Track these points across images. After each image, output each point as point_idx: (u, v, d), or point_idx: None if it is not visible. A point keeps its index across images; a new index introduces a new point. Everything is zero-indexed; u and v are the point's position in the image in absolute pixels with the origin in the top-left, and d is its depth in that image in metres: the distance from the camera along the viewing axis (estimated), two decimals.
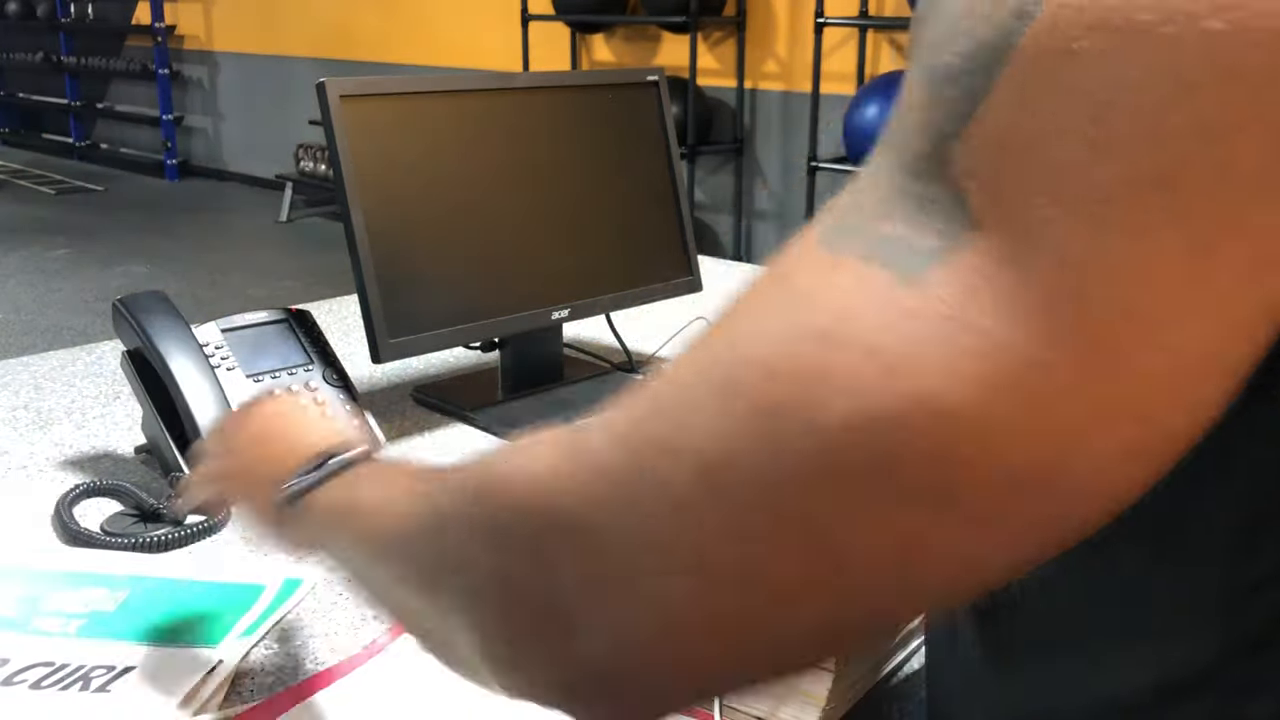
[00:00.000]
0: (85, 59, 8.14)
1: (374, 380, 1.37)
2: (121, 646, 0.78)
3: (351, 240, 1.12)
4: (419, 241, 1.18)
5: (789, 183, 4.73)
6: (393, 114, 1.16)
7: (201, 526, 0.95)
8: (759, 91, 4.77)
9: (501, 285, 1.24)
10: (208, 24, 7.62)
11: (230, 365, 1.08)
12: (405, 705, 0.73)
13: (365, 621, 0.82)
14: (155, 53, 7.60)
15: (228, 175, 7.75)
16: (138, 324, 1.04)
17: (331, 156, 1.12)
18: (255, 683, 0.75)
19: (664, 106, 1.40)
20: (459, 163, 1.21)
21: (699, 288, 1.43)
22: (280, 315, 1.15)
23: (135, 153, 8.18)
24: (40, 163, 8.37)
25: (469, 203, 1.22)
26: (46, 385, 1.34)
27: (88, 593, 0.85)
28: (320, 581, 0.88)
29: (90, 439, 1.18)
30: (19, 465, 1.10)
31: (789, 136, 4.69)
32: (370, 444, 0.60)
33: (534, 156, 1.28)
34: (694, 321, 1.59)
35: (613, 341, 1.43)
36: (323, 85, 1.11)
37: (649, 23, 4.85)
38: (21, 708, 0.71)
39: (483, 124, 1.24)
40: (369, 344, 1.13)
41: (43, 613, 0.82)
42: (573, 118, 1.33)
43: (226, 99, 7.67)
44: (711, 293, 1.77)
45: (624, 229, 1.37)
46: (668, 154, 1.40)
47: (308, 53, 6.75)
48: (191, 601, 0.84)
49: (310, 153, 6.31)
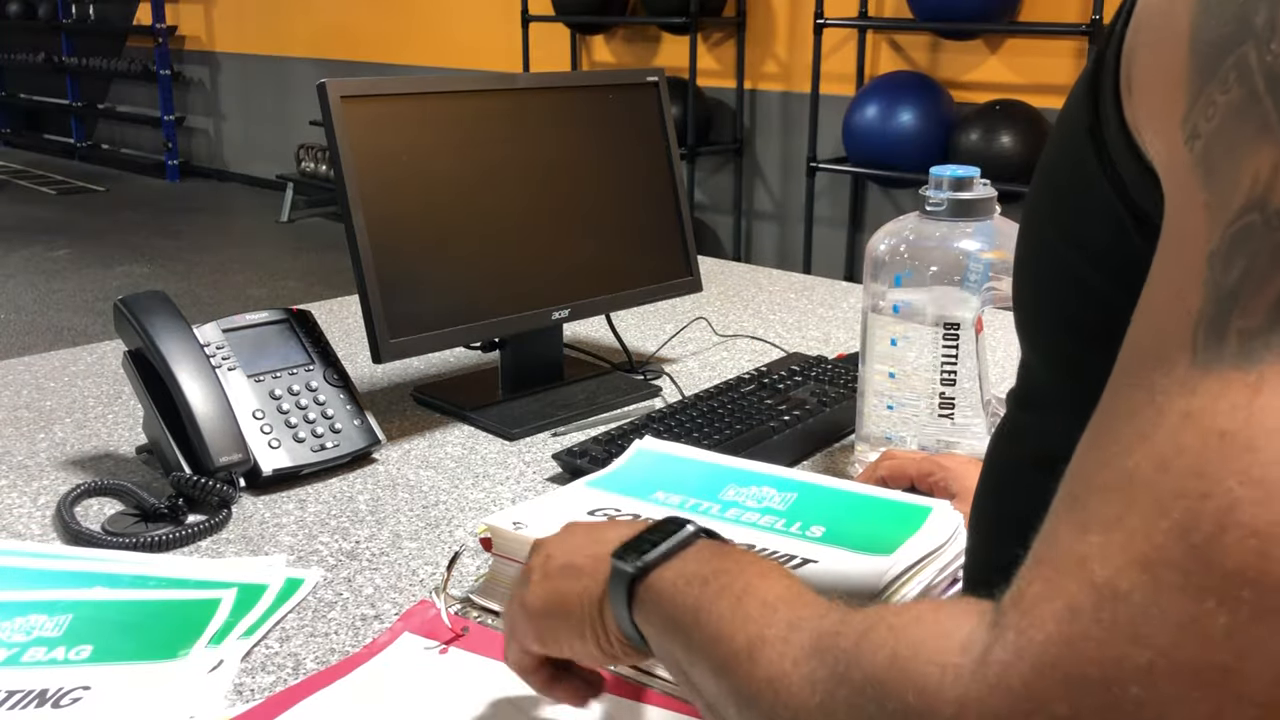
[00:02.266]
0: (86, 60, 8.14)
1: (374, 380, 1.37)
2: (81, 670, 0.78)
3: (352, 240, 1.12)
4: (419, 241, 1.18)
5: (789, 183, 4.73)
6: (393, 114, 1.17)
7: (202, 526, 0.95)
8: (759, 92, 4.77)
9: (501, 285, 1.24)
10: (209, 25, 7.62)
11: (231, 365, 1.08)
12: (405, 705, 0.73)
13: (365, 621, 0.83)
14: (156, 53, 7.60)
15: (229, 176, 7.75)
16: (139, 324, 1.04)
17: (332, 157, 1.12)
18: (255, 682, 0.75)
19: (664, 107, 1.40)
20: (459, 163, 1.21)
21: (699, 288, 1.44)
22: (281, 315, 1.16)
23: (136, 153, 8.18)
24: (41, 163, 8.37)
25: (469, 203, 1.22)
26: (48, 385, 1.34)
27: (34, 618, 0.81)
28: (320, 581, 0.88)
29: (91, 439, 1.18)
30: (20, 465, 1.11)
31: (789, 137, 4.69)
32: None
33: (534, 157, 1.28)
34: (694, 321, 1.60)
35: (613, 341, 1.43)
36: (323, 86, 1.11)
37: (649, 23, 4.85)
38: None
39: (483, 124, 1.24)
40: (369, 344, 1.13)
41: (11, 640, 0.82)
42: (573, 118, 1.33)
43: (227, 99, 7.67)
44: (711, 293, 1.77)
45: (624, 229, 1.37)
46: (668, 154, 1.40)
47: (308, 53, 6.75)
48: (155, 614, 0.84)
49: (311, 153, 6.31)
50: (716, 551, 0.54)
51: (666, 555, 0.54)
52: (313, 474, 1.08)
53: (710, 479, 0.92)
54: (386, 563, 0.92)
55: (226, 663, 0.76)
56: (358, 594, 0.87)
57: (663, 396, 1.32)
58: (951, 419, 1.02)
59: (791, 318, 1.68)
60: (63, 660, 0.76)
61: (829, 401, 1.22)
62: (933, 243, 1.01)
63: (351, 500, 1.04)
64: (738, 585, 0.49)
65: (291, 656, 0.78)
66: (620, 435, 1.11)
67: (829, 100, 4.22)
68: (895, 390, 1.03)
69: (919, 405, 1.02)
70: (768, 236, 4.89)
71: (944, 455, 0.96)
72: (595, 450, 1.08)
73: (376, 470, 1.11)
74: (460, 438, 1.19)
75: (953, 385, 1.01)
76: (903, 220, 1.04)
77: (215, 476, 0.99)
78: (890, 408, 1.04)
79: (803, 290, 1.85)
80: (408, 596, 0.86)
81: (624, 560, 0.55)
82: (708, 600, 0.50)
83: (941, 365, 1.01)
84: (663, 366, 1.42)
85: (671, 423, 1.14)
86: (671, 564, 0.54)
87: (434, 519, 1.00)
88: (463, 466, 1.12)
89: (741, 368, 1.40)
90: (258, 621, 0.82)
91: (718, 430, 1.12)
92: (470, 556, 0.92)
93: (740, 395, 1.22)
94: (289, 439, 1.06)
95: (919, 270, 1.01)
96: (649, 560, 0.54)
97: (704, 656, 0.49)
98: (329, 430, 1.09)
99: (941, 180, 1.01)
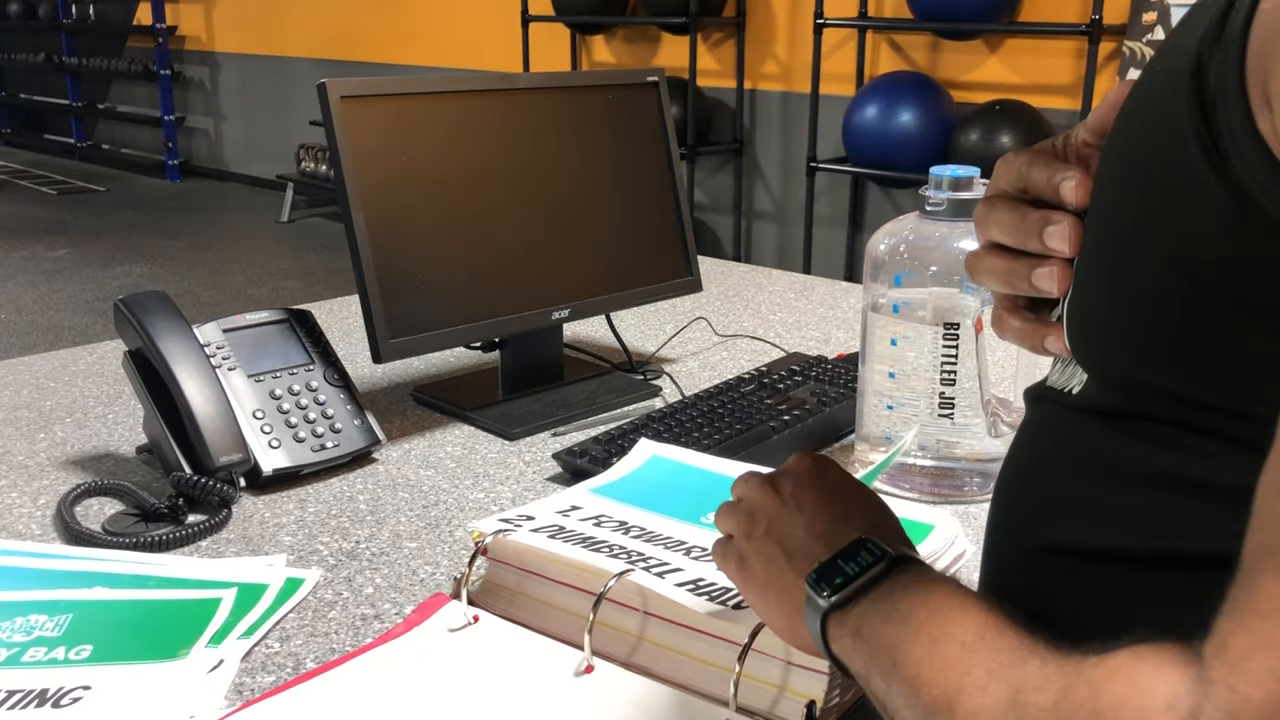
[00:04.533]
0: (87, 60, 8.14)
1: (374, 380, 1.37)
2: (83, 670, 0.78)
3: (352, 240, 1.12)
4: (419, 242, 1.18)
5: (789, 183, 4.73)
6: (393, 114, 1.17)
7: (202, 526, 0.95)
8: (759, 92, 4.77)
9: (501, 285, 1.24)
10: (209, 25, 7.62)
11: (231, 365, 1.08)
12: (405, 704, 0.73)
13: (365, 621, 0.83)
14: (156, 53, 7.60)
15: (229, 176, 7.75)
16: (139, 324, 1.04)
17: (332, 157, 1.12)
18: (255, 682, 0.75)
19: (664, 107, 1.40)
20: (459, 163, 1.21)
21: (699, 288, 1.44)
22: (281, 315, 1.16)
23: (136, 153, 8.18)
24: (42, 163, 8.37)
25: (469, 203, 1.22)
26: (48, 385, 1.34)
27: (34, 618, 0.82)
28: (320, 581, 0.88)
29: (91, 439, 1.18)
30: (20, 465, 1.11)
31: (789, 137, 4.69)
32: (899, 540, 0.58)
33: (534, 157, 1.28)
34: (694, 321, 1.60)
35: (613, 341, 1.44)
36: (324, 86, 1.11)
37: (649, 23, 4.85)
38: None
39: (483, 124, 1.24)
40: (369, 344, 1.13)
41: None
42: (573, 118, 1.33)
43: (227, 100, 7.67)
44: (711, 293, 1.77)
45: (624, 229, 1.37)
46: (668, 154, 1.40)
47: (308, 53, 6.75)
48: (151, 614, 0.84)
49: (311, 153, 6.31)
50: (911, 583, 0.53)
51: (862, 590, 0.54)
52: (313, 474, 1.08)
53: (713, 489, 0.92)
54: (386, 563, 0.92)
55: (226, 663, 0.76)
56: (358, 594, 0.87)
57: (663, 396, 1.32)
58: (951, 419, 1.02)
59: (791, 318, 1.68)
60: (63, 660, 0.76)
61: (829, 401, 1.22)
62: (933, 243, 1.01)
63: (351, 500, 1.04)
64: (935, 624, 0.49)
65: (291, 656, 0.78)
66: (620, 435, 1.11)
67: (829, 100, 4.22)
68: (895, 390, 1.03)
69: (919, 405, 1.02)
70: (768, 236, 4.89)
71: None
72: (595, 450, 1.08)
73: (376, 470, 1.11)
74: (460, 438, 1.19)
75: (953, 385, 1.01)
76: (903, 220, 1.04)
77: (215, 476, 0.99)
78: (890, 408, 1.04)
79: (803, 290, 1.85)
80: (408, 596, 0.86)
81: (818, 591, 0.55)
82: (905, 640, 0.49)
83: (941, 365, 1.01)
84: (663, 366, 1.42)
85: (671, 423, 1.14)
86: (869, 597, 0.54)
87: (434, 519, 1.00)
88: (463, 466, 1.12)
89: (741, 368, 1.40)
90: (258, 621, 0.82)
91: (718, 430, 1.12)
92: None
93: (740, 395, 1.22)
94: (289, 439, 1.06)
95: (919, 270, 1.02)
96: (843, 597, 0.54)
97: (904, 701, 0.49)
98: (329, 430, 1.09)
99: (941, 180, 1.01)
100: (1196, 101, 0.44)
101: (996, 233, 0.58)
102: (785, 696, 0.69)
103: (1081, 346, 0.55)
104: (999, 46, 4.01)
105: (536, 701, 0.72)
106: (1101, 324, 0.53)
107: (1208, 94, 0.43)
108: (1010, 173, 0.58)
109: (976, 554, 0.93)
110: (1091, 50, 3.54)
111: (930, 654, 0.48)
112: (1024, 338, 0.60)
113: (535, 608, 0.81)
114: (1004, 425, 1.03)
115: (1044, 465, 0.58)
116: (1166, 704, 0.36)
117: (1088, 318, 0.54)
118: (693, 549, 0.82)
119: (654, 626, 0.75)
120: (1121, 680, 0.38)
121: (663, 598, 0.73)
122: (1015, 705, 0.42)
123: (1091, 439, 0.53)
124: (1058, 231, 0.54)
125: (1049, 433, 0.58)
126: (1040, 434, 0.59)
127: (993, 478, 1.05)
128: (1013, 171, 0.58)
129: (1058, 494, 0.55)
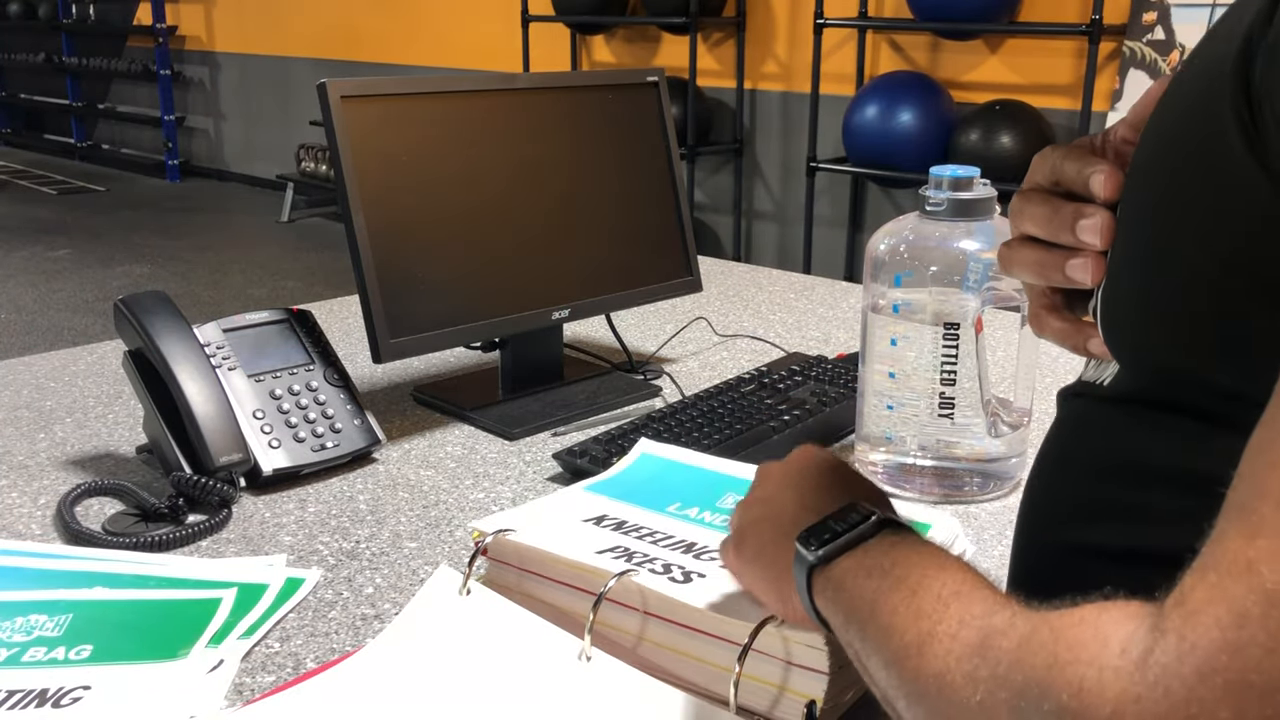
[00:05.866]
0: (87, 60, 8.15)
1: (374, 380, 1.37)
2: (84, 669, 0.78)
3: (352, 240, 1.12)
4: (419, 242, 1.18)
5: (789, 183, 4.73)
6: (393, 114, 1.17)
7: (202, 526, 0.95)
8: (759, 92, 4.77)
9: (501, 285, 1.24)
10: (209, 25, 7.62)
11: (231, 365, 1.08)
12: (405, 704, 0.73)
13: (365, 621, 0.83)
14: (156, 53, 7.61)
15: (229, 176, 7.75)
16: (139, 324, 1.04)
17: (332, 157, 1.12)
18: (255, 682, 0.75)
19: (664, 107, 1.40)
20: (459, 163, 1.21)
21: (699, 288, 1.44)
22: (281, 315, 1.16)
23: (136, 153, 8.19)
24: (42, 163, 8.37)
25: (469, 203, 1.22)
26: (48, 385, 1.34)
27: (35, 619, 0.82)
28: (320, 581, 0.88)
29: (91, 439, 1.18)
30: (20, 465, 1.11)
31: (789, 137, 4.69)
32: (886, 506, 0.59)
33: (534, 157, 1.28)
34: (694, 321, 1.60)
35: (613, 341, 1.44)
36: (324, 86, 1.11)
37: (649, 23, 4.85)
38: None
39: (483, 124, 1.24)
40: (369, 344, 1.13)
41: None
42: (573, 118, 1.33)
43: (228, 99, 7.67)
44: (711, 293, 1.77)
45: (624, 229, 1.37)
46: (668, 154, 1.40)
47: (309, 53, 6.75)
48: (151, 614, 0.84)
49: (311, 153, 6.31)
50: (897, 542, 0.55)
51: (848, 545, 0.55)
52: (313, 474, 1.08)
53: (710, 486, 0.92)
54: (386, 563, 0.92)
55: (226, 663, 0.76)
56: (358, 594, 0.87)
57: (663, 396, 1.32)
58: (951, 419, 1.02)
59: (791, 318, 1.68)
60: (63, 660, 0.76)
61: (829, 401, 1.22)
62: (933, 243, 1.01)
63: (351, 500, 1.04)
64: (914, 577, 0.50)
65: (291, 656, 0.78)
66: (620, 435, 1.11)
67: (829, 100, 4.23)
68: (895, 390, 1.03)
69: (919, 405, 1.02)
70: (768, 236, 4.89)
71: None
72: (595, 450, 1.08)
73: (376, 470, 1.11)
74: (460, 438, 1.19)
75: (953, 385, 1.01)
76: (903, 220, 1.04)
77: (215, 476, 0.99)
78: (890, 408, 1.04)
79: (803, 290, 1.85)
80: (408, 596, 0.86)
81: (807, 547, 0.56)
82: (884, 592, 0.51)
83: (941, 365, 1.01)
84: (663, 366, 1.42)
85: (671, 423, 1.14)
86: (853, 554, 0.55)
87: (434, 519, 1.00)
88: (463, 466, 1.12)
89: (741, 368, 1.40)
90: (258, 621, 0.82)
91: (718, 430, 1.12)
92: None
93: (740, 395, 1.22)
94: (289, 439, 1.06)
95: (919, 270, 1.02)
96: (830, 550, 0.55)
97: (877, 648, 0.50)
98: (329, 430, 1.09)
99: (941, 180, 1.01)
100: (1242, 85, 0.44)
101: (1030, 225, 0.59)
102: (785, 697, 0.69)
103: (1114, 336, 0.56)
104: (999, 46, 4.01)
105: (537, 695, 0.72)
106: (1134, 312, 0.54)
107: (1254, 78, 0.44)
108: (1045, 167, 0.60)
109: (976, 554, 0.93)
110: (1091, 50, 3.54)
111: (906, 604, 0.49)
112: (1065, 338, 0.61)
113: (535, 607, 0.81)
114: (1004, 425, 1.03)
115: (1074, 464, 0.58)
116: (1121, 648, 0.37)
117: (1121, 306, 0.55)
118: (693, 546, 0.82)
119: (654, 626, 0.75)
120: (1084, 627, 0.39)
121: (663, 597, 0.73)
122: (981, 649, 0.43)
123: (1122, 432, 0.54)
124: (1090, 225, 0.55)
125: (1080, 429, 0.59)
126: (1071, 432, 0.60)
127: (993, 478, 1.05)
128: (1047, 166, 0.59)
129: (1087, 493, 0.55)
